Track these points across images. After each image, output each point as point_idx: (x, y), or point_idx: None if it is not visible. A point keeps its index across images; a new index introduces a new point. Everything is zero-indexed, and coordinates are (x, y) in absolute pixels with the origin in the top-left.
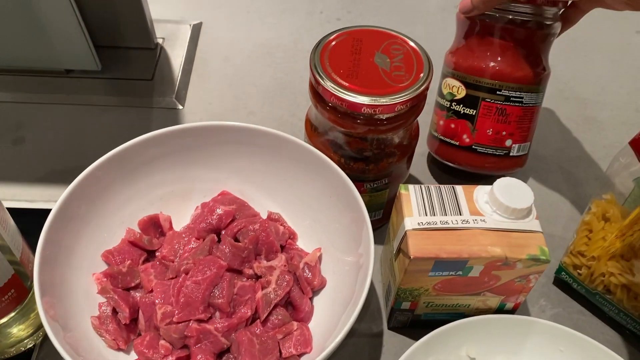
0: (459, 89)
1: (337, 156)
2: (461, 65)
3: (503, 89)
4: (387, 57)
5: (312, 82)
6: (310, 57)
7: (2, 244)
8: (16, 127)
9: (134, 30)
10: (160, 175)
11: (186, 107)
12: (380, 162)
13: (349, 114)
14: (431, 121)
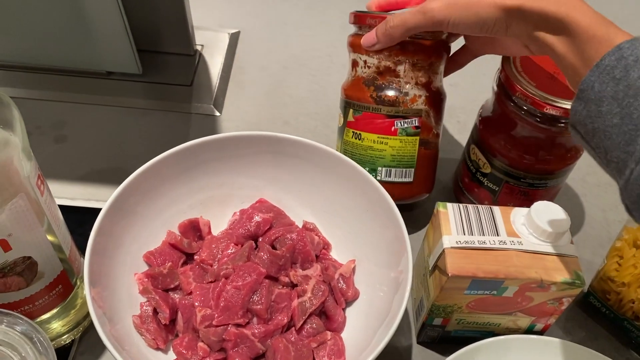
0: (485, 165)
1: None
2: (489, 145)
3: (528, 178)
4: None
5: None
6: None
7: (54, 241)
8: (59, 125)
9: (175, 36)
10: (202, 180)
11: (223, 114)
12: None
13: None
14: (458, 166)
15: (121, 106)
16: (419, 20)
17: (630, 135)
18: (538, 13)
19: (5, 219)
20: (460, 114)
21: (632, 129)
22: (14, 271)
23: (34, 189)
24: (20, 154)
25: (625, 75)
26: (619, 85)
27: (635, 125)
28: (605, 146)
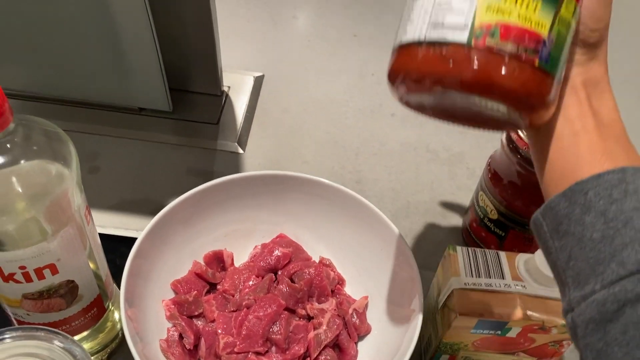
0: (492, 211)
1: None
2: (497, 193)
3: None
4: None
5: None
6: None
7: (94, 267)
8: (92, 156)
9: (204, 77)
10: (227, 215)
11: (246, 151)
12: None
13: None
14: (467, 211)
15: (151, 141)
16: None
17: (605, 256)
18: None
19: (56, 245)
20: (469, 160)
21: (609, 253)
22: (57, 293)
23: (82, 218)
24: (74, 187)
25: (622, 199)
26: (612, 206)
27: (612, 251)
28: (573, 253)
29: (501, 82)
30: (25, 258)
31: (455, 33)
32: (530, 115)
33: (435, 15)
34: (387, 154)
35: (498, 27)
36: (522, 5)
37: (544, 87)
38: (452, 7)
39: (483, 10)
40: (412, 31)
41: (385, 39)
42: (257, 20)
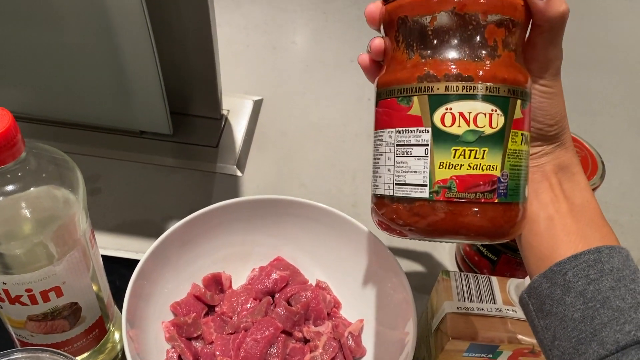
0: None
1: None
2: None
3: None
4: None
5: None
6: None
7: (97, 289)
8: (94, 178)
9: (205, 101)
10: (226, 238)
11: (245, 174)
12: None
13: None
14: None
15: (152, 163)
16: None
17: (586, 336)
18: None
19: (62, 268)
20: None
21: (589, 332)
22: (61, 315)
23: (87, 242)
24: (81, 212)
25: (599, 279)
26: (590, 286)
27: (593, 330)
28: (556, 332)
29: (468, 226)
30: (32, 281)
31: (417, 190)
32: (504, 238)
33: (397, 175)
34: None
35: (453, 181)
36: (470, 157)
37: (509, 216)
38: (410, 167)
39: (436, 168)
40: (382, 186)
41: None
42: (257, 45)
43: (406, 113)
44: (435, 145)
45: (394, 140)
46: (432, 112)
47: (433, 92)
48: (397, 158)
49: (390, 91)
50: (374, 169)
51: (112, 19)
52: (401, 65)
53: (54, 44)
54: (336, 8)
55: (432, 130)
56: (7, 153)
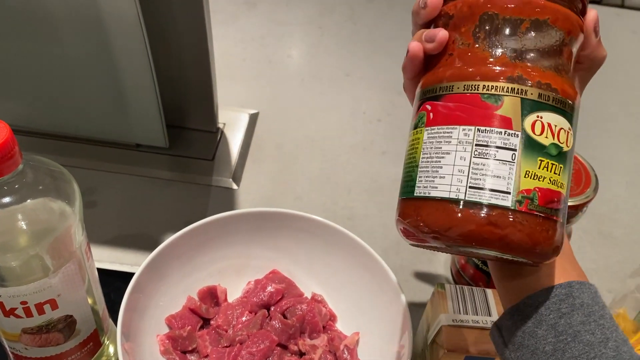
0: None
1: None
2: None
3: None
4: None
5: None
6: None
7: (92, 302)
8: (89, 191)
9: (201, 115)
10: (221, 251)
11: (241, 187)
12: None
13: None
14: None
15: (148, 176)
16: None
17: None
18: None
19: (57, 281)
20: None
21: None
22: (56, 328)
23: (83, 255)
24: (77, 224)
25: (570, 313)
26: (561, 320)
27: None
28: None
29: (542, 242)
30: (27, 293)
31: (498, 197)
32: (552, 258)
33: (473, 178)
34: (378, 190)
35: (536, 192)
36: (551, 170)
37: (562, 238)
38: (492, 171)
39: (522, 177)
40: (445, 187)
41: (376, 79)
42: (253, 59)
43: (493, 112)
44: (524, 152)
45: (472, 139)
46: (524, 117)
47: (527, 96)
48: (475, 159)
49: (472, 86)
50: (422, 168)
51: (109, 33)
52: (482, 61)
53: (52, 57)
54: (332, 23)
55: (523, 136)
56: (5, 165)
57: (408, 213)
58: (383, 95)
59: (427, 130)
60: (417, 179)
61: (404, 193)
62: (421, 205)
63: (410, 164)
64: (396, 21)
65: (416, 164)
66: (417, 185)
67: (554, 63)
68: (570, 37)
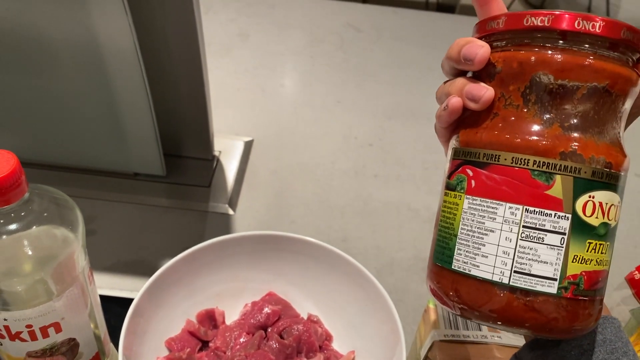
0: None
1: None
2: None
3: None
4: None
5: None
6: None
7: (94, 325)
8: (89, 220)
9: (197, 143)
10: (219, 274)
11: (237, 212)
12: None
13: None
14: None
15: (146, 204)
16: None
17: None
18: None
19: (61, 304)
20: None
21: None
22: (59, 351)
23: (86, 279)
24: (80, 250)
25: (592, 350)
26: (583, 357)
27: None
28: None
29: (581, 326)
30: (32, 317)
31: (544, 284)
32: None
33: (519, 262)
34: (371, 213)
35: (582, 277)
36: (598, 251)
37: (600, 313)
38: (539, 256)
39: (569, 262)
40: (488, 269)
41: (367, 105)
42: (247, 88)
43: (543, 192)
44: (573, 236)
45: (520, 220)
46: (576, 198)
47: (580, 175)
48: (521, 242)
49: (521, 160)
50: (462, 241)
51: (108, 67)
52: (532, 131)
53: (53, 91)
54: (323, 52)
55: (573, 219)
56: (12, 194)
57: (444, 283)
58: (373, 121)
59: (468, 198)
60: (455, 251)
61: (439, 260)
62: (460, 281)
63: (446, 230)
64: (384, 49)
65: (454, 232)
66: (455, 257)
67: (610, 131)
68: (627, 99)
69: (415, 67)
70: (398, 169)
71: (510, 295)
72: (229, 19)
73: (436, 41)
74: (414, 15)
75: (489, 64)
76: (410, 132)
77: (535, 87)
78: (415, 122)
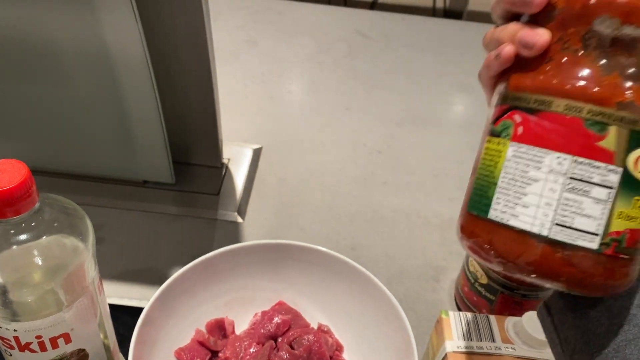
0: (482, 276)
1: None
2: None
3: (521, 289)
4: None
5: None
6: None
7: (103, 335)
8: (97, 228)
9: (206, 151)
10: (228, 283)
11: (246, 220)
12: None
13: None
14: (459, 275)
15: (155, 212)
16: None
17: (608, 352)
18: None
19: (71, 315)
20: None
21: (613, 349)
22: None
23: (96, 289)
24: (90, 260)
25: (626, 295)
26: (617, 302)
27: (617, 347)
28: (576, 346)
29: (617, 284)
30: (42, 327)
31: (586, 239)
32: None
33: (561, 214)
34: (381, 220)
35: (626, 234)
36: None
37: (637, 271)
38: (583, 210)
39: (614, 218)
40: (528, 219)
41: (376, 112)
42: (255, 95)
43: (595, 142)
44: (621, 191)
45: (567, 170)
46: (629, 151)
47: (636, 127)
48: (566, 193)
49: (575, 107)
50: (502, 189)
51: (117, 74)
52: (590, 78)
53: (61, 98)
54: (330, 59)
55: (623, 173)
56: (23, 204)
57: (478, 233)
58: (382, 128)
59: (513, 145)
60: (494, 199)
61: (474, 208)
62: (496, 231)
63: (485, 177)
64: (393, 56)
65: (494, 180)
66: (493, 206)
67: None
68: None
69: (424, 74)
70: (407, 176)
71: (548, 248)
72: (237, 26)
73: (444, 47)
74: (422, 21)
75: (550, 3)
76: (419, 139)
77: (597, 30)
78: (425, 129)
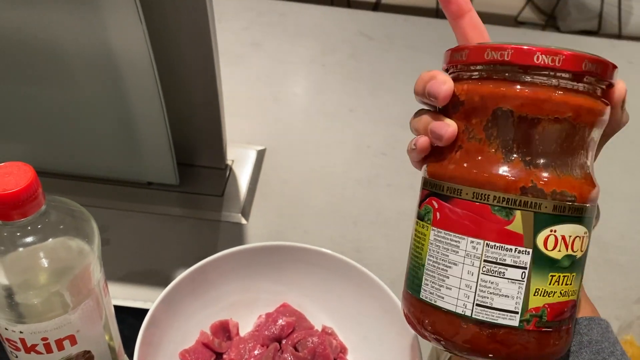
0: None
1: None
2: None
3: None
4: None
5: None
6: None
7: (108, 337)
8: (102, 229)
9: (210, 152)
10: (233, 285)
11: (250, 222)
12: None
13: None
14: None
15: (159, 213)
16: None
17: None
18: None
19: (76, 317)
20: None
21: None
22: None
23: (101, 291)
24: (95, 262)
25: (578, 352)
26: (568, 358)
27: None
28: None
29: (548, 356)
30: (48, 329)
31: (505, 317)
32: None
33: (481, 295)
34: (385, 222)
35: (545, 309)
36: (562, 283)
37: (571, 338)
38: (500, 290)
39: (531, 295)
40: (452, 301)
41: (380, 114)
42: (259, 97)
43: (504, 227)
44: (534, 270)
45: (481, 254)
46: (536, 233)
47: (540, 210)
48: (483, 276)
49: (482, 195)
50: (428, 271)
51: (122, 76)
52: (493, 165)
53: (67, 100)
54: (334, 60)
55: (534, 253)
56: (29, 206)
57: (414, 312)
58: (387, 130)
59: (434, 230)
60: (423, 280)
61: (409, 287)
62: (427, 311)
63: (416, 259)
64: (397, 58)
65: (422, 262)
66: (423, 287)
67: (576, 162)
68: (594, 129)
69: None
70: (411, 178)
71: (474, 327)
72: (241, 28)
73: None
74: (425, 22)
75: (455, 95)
76: None
77: (496, 121)
78: None
